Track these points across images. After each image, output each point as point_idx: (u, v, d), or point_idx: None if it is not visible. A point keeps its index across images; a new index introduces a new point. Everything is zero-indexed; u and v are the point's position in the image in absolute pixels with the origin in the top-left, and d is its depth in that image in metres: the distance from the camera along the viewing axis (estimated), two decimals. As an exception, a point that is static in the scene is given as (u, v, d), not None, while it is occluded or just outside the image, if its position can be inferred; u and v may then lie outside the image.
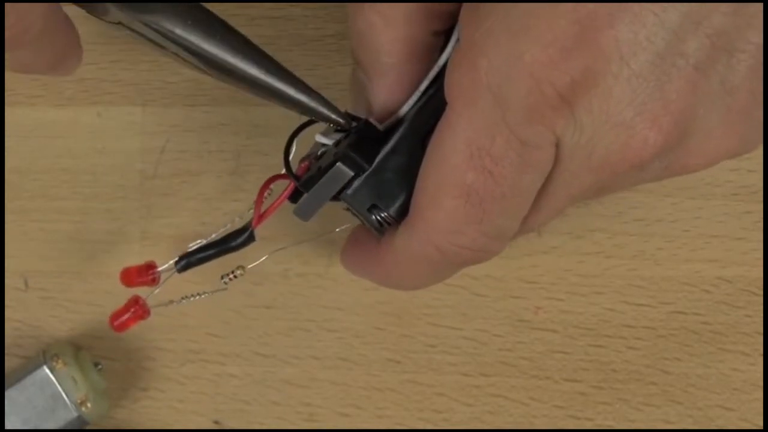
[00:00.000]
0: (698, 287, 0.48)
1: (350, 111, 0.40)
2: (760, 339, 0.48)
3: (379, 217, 0.39)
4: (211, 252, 0.42)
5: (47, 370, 0.46)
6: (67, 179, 0.49)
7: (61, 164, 0.49)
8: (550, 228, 0.49)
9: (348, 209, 0.40)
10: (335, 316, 0.49)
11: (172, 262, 0.43)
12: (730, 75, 0.34)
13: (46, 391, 0.46)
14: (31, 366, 0.47)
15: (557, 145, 0.35)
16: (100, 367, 0.48)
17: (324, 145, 0.40)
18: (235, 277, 0.43)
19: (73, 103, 0.49)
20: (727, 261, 0.48)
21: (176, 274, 0.43)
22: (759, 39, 0.34)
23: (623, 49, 0.33)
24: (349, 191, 0.39)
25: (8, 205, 0.49)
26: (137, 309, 0.44)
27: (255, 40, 0.38)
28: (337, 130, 0.40)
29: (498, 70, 0.34)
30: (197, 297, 0.45)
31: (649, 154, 0.34)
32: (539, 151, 0.35)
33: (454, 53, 0.36)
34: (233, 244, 0.42)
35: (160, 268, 0.44)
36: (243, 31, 0.38)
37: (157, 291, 0.44)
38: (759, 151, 0.48)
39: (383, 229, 0.39)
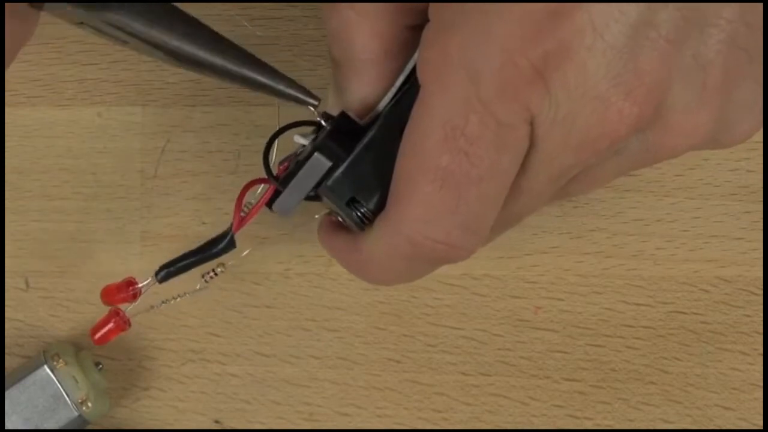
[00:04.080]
0: (697, 287, 0.49)
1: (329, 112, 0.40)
2: (759, 338, 0.48)
3: (358, 213, 0.38)
4: (191, 260, 0.42)
5: (48, 370, 0.47)
6: (68, 179, 0.49)
7: (61, 164, 0.49)
8: (550, 228, 0.49)
9: (329, 210, 0.40)
10: (335, 316, 0.49)
11: (151, 278, 0.42)
12: (702, 49, 0.34)
13: (47, 391, 0.46)
14: (31, 365, 0.47)
15: (532, 124, 0.34)
16: (100, 366, 0.48)
17: (303, 146, 0.40)
18: (216, 275, 0.43)
19: (73, 104, 0.49)
20: (726, 261, 0.48)
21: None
22: (732, 16, 0.34)
23: (596, 21, 0.33)
24: (328, 182, 0.38)
25: (8, 205, 0.49)
26: (117, 321, 0.43)
27: (255, 41, 0.39)
28: (316, 131, 0.40)
29: (470, 45, 0.34)
30: (178, 299, 0.44)
31: (626, 127, 0.34)
32: (514, 130, 0.34)
33: (425, 33, 0.35)
34: (214, 250, 0.41)
35: (140, 285, 0.43)
36: (243, 31, 0.38)
37: (137, 303, 0.43)
38: (759, 151, 0.48)
39: (363, 225, 0.38)
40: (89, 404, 0.46)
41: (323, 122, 0.39)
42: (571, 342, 0.49)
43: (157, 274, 0.42)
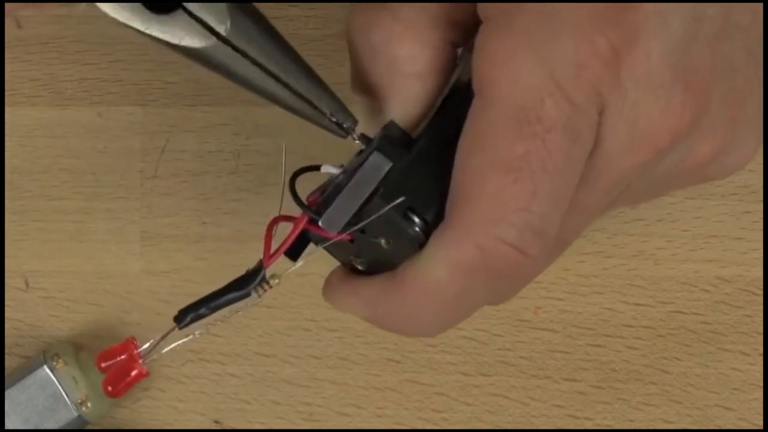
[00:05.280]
0: (697, 287, 0.49)
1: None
2: (760, 339, 0.48)
3: (417, 228, 0.34)
4: (219, 301, 0.37)
5: (48, 370, 0.47)
6: (68, 179, 0.49)
7: (61, 164, 0.49)
8: (550, 228, 0.49)
9: (366, 235, 0.36)
10: (335, 316, 0.49)
11: (149, 343, 0.39)
12: (732, 52, 0.34)
13: (47, 391, 0.46)
14: (31, 366, 0.47)
15: (601, 115, 0.33)
16: (100, 366, 0.48)
17: (335, 175, 0.37)
18: (270, 287, 0.38)
19: (73, 103, 0.49)
20: (726, 261, 0.48)
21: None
22: (749, 23, 0.34)
23: (662, 6, 0.32)
24: (383, 190, 0.34)
25: (8, 205, 0.49)
26: (137, 372, 0.40)
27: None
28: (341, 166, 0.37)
29: (541, 28, 0.32)
30: (218, 323, 0.38)
31: (687, 123, 0.33)
32: (587, 118, 0.33)
33: (481, 30, 0.34)
34: (245, 290, 0.37)
35: (141, 348, 0.39)
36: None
37: (153, 353, 0.40)
38: (759, 151, 0.48)
39: (421, 242, 0.34)
40: (89, 404, 0.46)
41: (362, 145, 0.36)
42: (572, 342, 0.49)
43: (178, 319, 0.37)
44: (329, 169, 0.37)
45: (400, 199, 0.34)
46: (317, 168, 0.37)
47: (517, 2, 0.33)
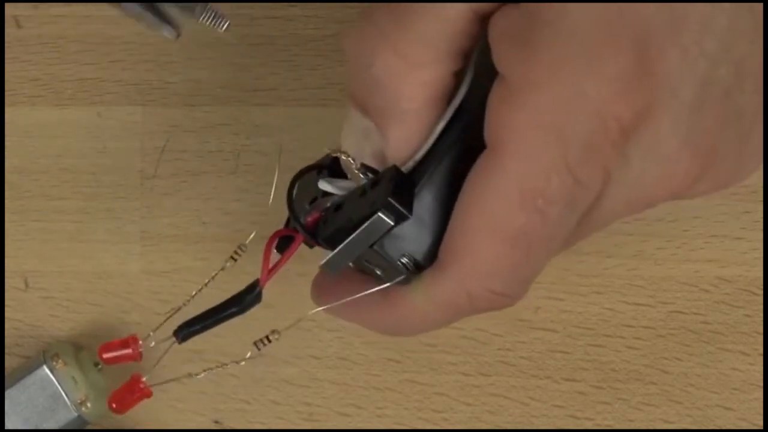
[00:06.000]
0: (698, 287, 0.49)
1: (344, 151, 0.38)
2: (760, 339, 0.48)
3: (407, 269, 0.36)
4: (215, 318, 0.39)
5: (47, 370, 0.47)
6: (68, 179, 0.49)
7: (61, 164, 0.49)
8: (550, 228, 0.49)
9: (364, 261, 0.37)
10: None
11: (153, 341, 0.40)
12: (741, 99, 0.34)
13: (47, 391, 0.46)
14: (31, 366, 0.47)
15: (604, 184, 0.34)
16: (100, 366, 0.48)
17: (328, 193, 0.38)
18: (270, 341, 0.40)
19: (73, 103, 0.49)
20: (727, 261, 0.48)
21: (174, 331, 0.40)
22: (760, 63, 0.34)
23: (673, 80, 0.32)
24: (385, 240, 0.36)
25: (8, 205, 0.49)
26: (140, 390, 0.41)
27: (255, 40, 0.38)
28: (329, 173, 0.38)
29: (561, 107, 0.33)
30: (233, 364, 0.41)
31: (687, 185, 0.34)
32: (589, 191, 0.34)
33: (498, 91, 0.34)
34: (240, 307, 0.39)
35: (142, 341, 0.40)
36: (243, 30, 0.38)
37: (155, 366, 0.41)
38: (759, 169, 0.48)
39: (409, 278, 0.37)
40: (88, 404, 0.46)
41: (362, 175, 0.37)
42: (572, 342, 0.49)
43: (176, 334, 0.39)
44: (326, 187, 0.38)
45: (402, 255, 0.36)
46: (314, 168, 0.38)
47: (544, 67, 0.33)
